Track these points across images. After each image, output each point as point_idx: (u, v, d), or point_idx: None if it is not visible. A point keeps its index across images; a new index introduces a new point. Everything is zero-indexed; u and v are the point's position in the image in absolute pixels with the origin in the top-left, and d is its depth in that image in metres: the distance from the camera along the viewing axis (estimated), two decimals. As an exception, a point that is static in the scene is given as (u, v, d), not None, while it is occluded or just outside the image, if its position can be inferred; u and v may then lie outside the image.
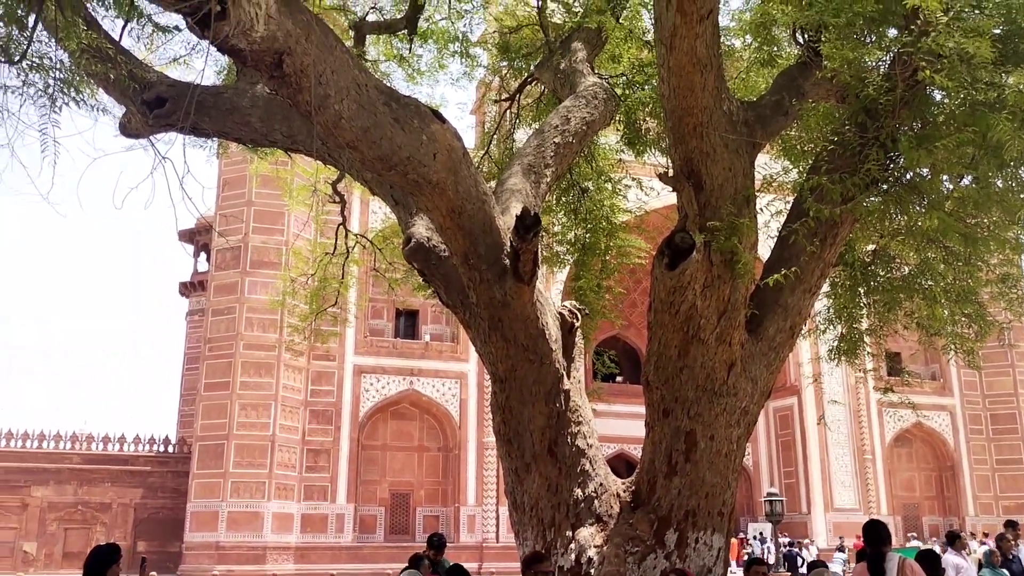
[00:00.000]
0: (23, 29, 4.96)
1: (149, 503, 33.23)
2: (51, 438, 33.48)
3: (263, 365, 31.17)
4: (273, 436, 30.78)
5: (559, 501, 6.41)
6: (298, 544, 30.77)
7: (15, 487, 32.02)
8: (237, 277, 31.91)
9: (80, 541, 32.02)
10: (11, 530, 31.76)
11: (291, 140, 6.97)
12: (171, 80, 6.86)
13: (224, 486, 30.01)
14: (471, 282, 6.20)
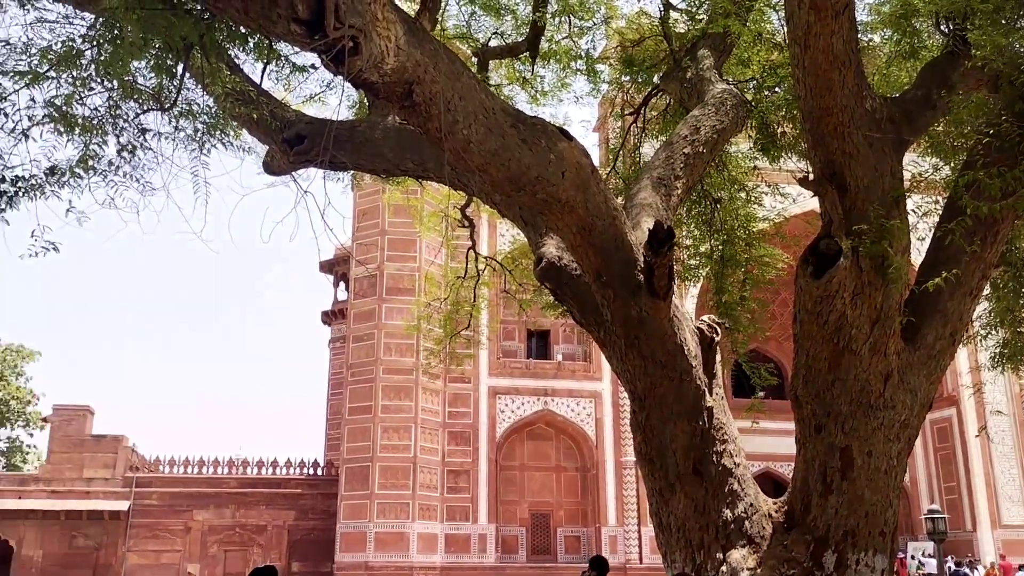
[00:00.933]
0: (172, 78, 5.25)
1: (301, 524, 34.49)
2: (210, 464, 35.35)
3: (402, 388, 31.94)
4: (414, 458, 31.43)
5: (707, 522, 6.20)
6: (443, 564, 31.21)
7: (179, 511, 33.93)
8: (374, 304, 32.89)
9: (239, 562, 33.57)
10: (176, 552, 33.63)
11: (422, 168, 7.11)
12: (308, 118, 7.14)
13: (371, 507, 30.83)
14: (604, 300, 6.11)
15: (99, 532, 33.33)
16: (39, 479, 34.36)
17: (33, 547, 32.92)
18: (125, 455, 34.73)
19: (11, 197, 5.01)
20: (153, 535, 33.48)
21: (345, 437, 32.62)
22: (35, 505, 32.83)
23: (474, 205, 11.68)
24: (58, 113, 4.90)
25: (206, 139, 5.85)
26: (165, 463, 35.36)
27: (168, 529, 33.66)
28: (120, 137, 5.53)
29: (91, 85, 5.05)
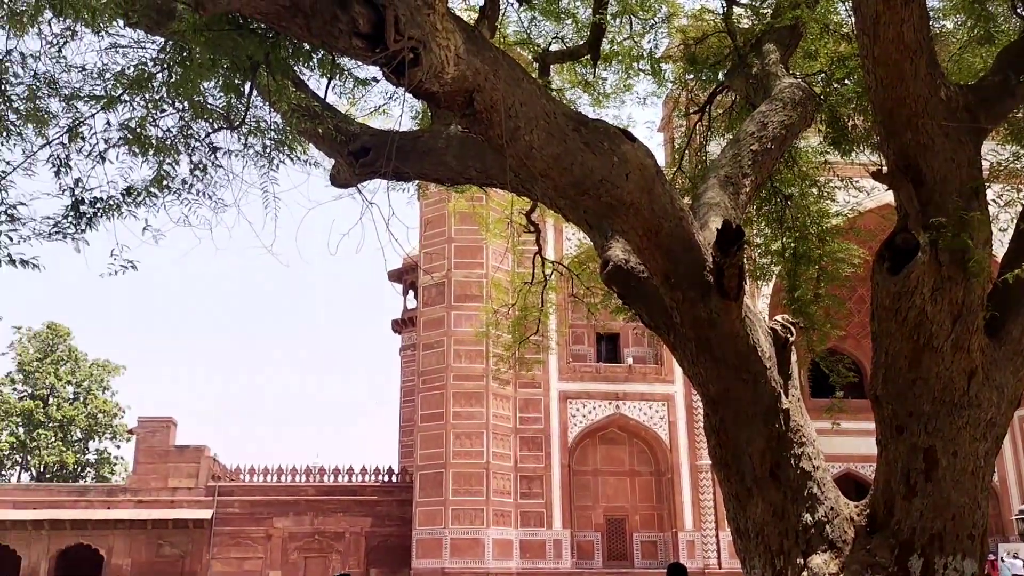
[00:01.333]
0: (240, 97, 5.37)
1: (378, 531, 34.93)
2: (288, 472, 36.12)
3: (473, 395, 32.11)
4: (487, 464, 31.54)
5: (786, 527, 6.05)
6: (519, 570, 31.22)
7: (260, 519, 34.71)
8: (443, 312, 33.16)
9: (319, 569, 34.17)
10: (258, 559, 34.40)
11: (485, 175, 7.12)
12: (372, 130, 7.23)
13: (445, 514, 31.05)
14: (674, 302, 6.02)
15: (184, 540, 34.32)
16: (126, 489, 35.57)
17: (122, 556, 34.07)
18: (207, 465, 35.72)
19: (91, 218, 5.19)
20: (236, 543, 34.33)
21: (418, 444, 32.94)
22: (123, 515, 33.98)
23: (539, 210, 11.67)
24: (132, 135, 5.05)
25: (274, 155, 5.97)
26: (245, 472, 36.26)
27: (250, 537, 34.45)
28: (192, 156, 5.68)
29: (163, 107, 5.20)
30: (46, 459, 48.92)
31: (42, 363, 50.19)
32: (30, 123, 5.36)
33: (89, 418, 50.74)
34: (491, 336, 15.66)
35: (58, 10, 4.49)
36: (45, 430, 48.88)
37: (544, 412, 33.22)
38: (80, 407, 50.59)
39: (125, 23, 5.33)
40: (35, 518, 33.48)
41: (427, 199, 27.15)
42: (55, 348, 51.09)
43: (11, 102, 5.26)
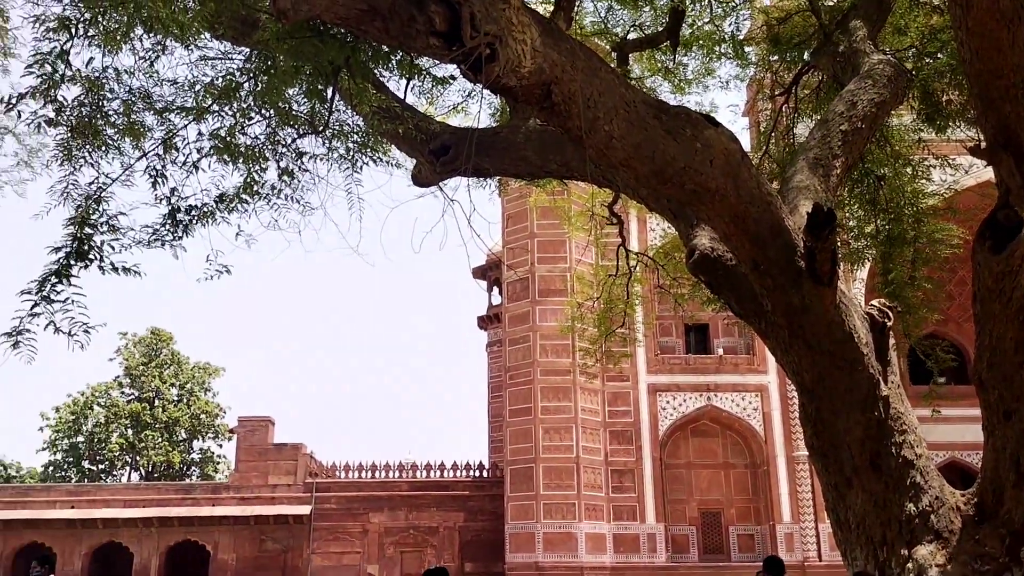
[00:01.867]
0: (323, 102, 5.48)
1: (471, 526, 35.29)
2: (381, 468, 36.83)
3: (560, 389, 32.09)
4: (577, 458, 31.49)
5: (889, 517, 5.86)
6: (613, 564, 31.10)
7: (356, 514, 35.47)
8: (528, 307, 33.23)
9: (415, 563, 34.72)
10: (356, 554, 35.18)
11: (565, 168, 7.10)
12: (452, 128, 7.29)
13: (536, 508, 31.14)
14: (764, 289, 5.89)
15: (285, 535, 35.35)
16: (229, 487, 36.83)
17: (227, 551, 35.30)
18: (304, 462, 36.69)
19: (187, 225, 5.38)
20: (334, 537, 35.18)
21: (507, 439, 33.11)
22: (227, 511, 35.20)
23: (622, 201, 11.57)
24: (223, 144, 5.22)
25: (357, 157, 6.09)
26: (340, 469, 37.11)
27: (347, 532, 35.25)
28: (279, 162, 5.84)
29: (251, 115, 5.35)
30: (154, 459, 51.09)
31: (147, 367, 52.41)
32: (127, 137, 5.59)
33: (192, 419, 52.76)
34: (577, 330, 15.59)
35: (148, 26, 4.66)
36: (152, 431, 51.04)
37: (633, 405, 32.97)
38: (184, 408, 52.65)
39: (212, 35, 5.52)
40: (145, 516, 34.98)
41: (508, 195, 27.24)
42: (159, 352, 53.27)
43: (108, 117, 5.48)
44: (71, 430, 51.49)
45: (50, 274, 4.63)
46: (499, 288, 41.89)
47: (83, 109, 5.28)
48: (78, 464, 51.76)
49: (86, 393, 52.27)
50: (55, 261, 4.75)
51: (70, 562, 34.22)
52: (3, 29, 7.59)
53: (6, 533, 34.41)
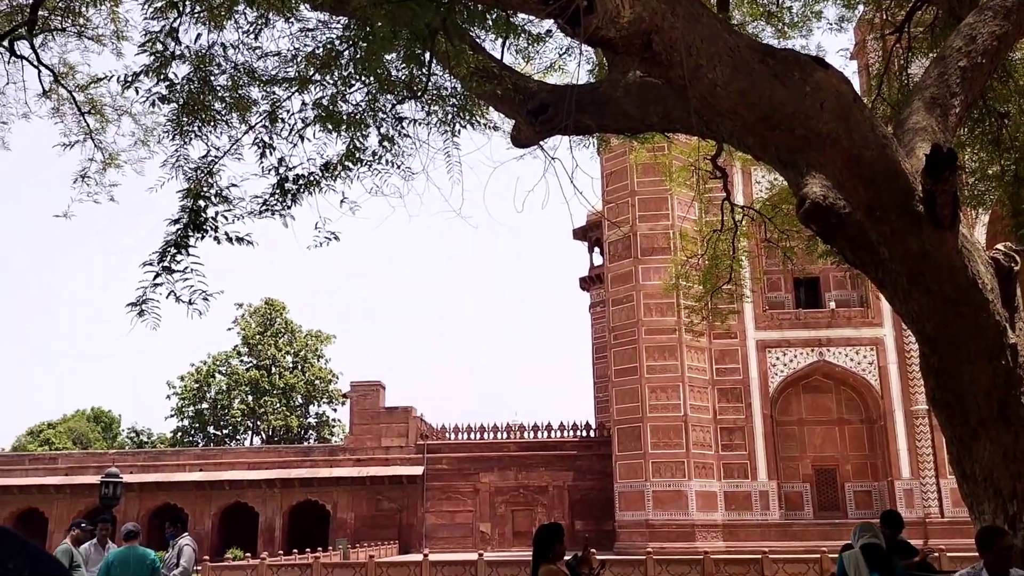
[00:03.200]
0: (421, 66, 5.49)
1: (580, 485, 35.61)
2: (490, 430, 37.47)
3: (666, 348, 31.81)
4: (685, 417, 31.25)
5: (1019, 470, 5.58)
6: (724, 521, 30.87)
7: (467, 475, 36.27)
8: (630, 266, 32.94)
9: (526, 521, 35.31)
10: (468, 512, 36.03)
11: (667, 120, 6.93)
12: (550, 86, 7.20)
13: (645, 467, 31.12)
14: (880, 236, 5.64)
15: (400, 495, 36.47)
16: (345, 449, 38.17)
17: (345, 510, 36.68)
18: (415, 425, 37.66)
19: (294, 194, 5.51)
20: (447, 497, 36.10)
21: (613, 399, 33.11)
22: (344, 473, 36.52)
23: (725, 154, 11.27)
24: (326, 113, 5.30)
25: (456, 120, 6.10)
26: (450, 430, 37.95)
27: (459, 491, 36.11)
28: (380, 128, 5.89)
29: (351, 83, 5.41)
30: (273, 423, 53.37)
31: (263, 336, 54.60)
32: (234, 111, 5.74)
33: (307, 384, 54.78)
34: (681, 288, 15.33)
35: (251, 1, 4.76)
36: (270, 397, 53.26)
37: (742, 362, 32.41)
38: (299, 375, 54.70)
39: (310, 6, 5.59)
40: (268, 477, 36.63)
41: (608, 153, 26.93)
42: (273, 322, 55.38)
43: (216, 92, 5.64)
44: (196, 397, 54.25)
45: (169, 245, 4.83)
46: (600, 249, 41.65)
47: (192, 85, 5.45)
48: (204, 429, 54.55)
49: (208, 362, 54.89)
50: (173, 232, 4.95)
51: (201, 521, 36.21)
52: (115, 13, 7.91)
53: (142, 495, 36.62)
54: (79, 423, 60.17)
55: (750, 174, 30.50)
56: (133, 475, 35.88)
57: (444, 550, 32.27)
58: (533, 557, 6.03)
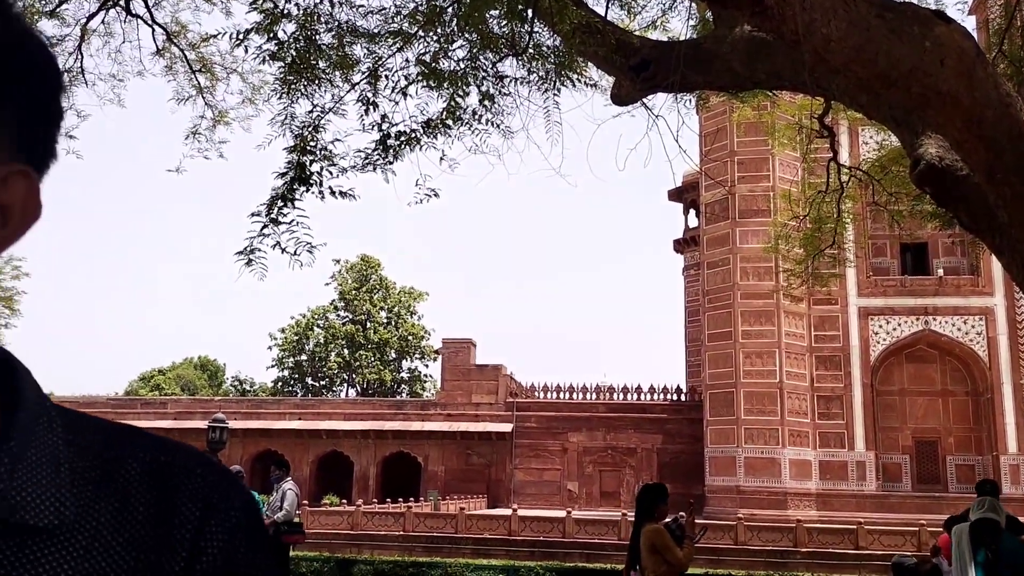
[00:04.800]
0: (523, 22, 5.45)
1: (669, 448, 35.48)
2: (579, 390, 37.59)
3: (762, 313, 31.16)
4: (780, 383, 30.65)
5: None
6: (818, 491, 30.32)
7: (556, 434, 36.56)
8: (727, 228, 32.27)
9: (613, 481, 35.47)
10: (556, 471, 36.38)
11: (775, 77, 6.69)
12: (652, 42, 7.05)
13: (737, 433, 30.74)
14: (1000, 200, 5.36)
15: (489, 451, 37.08)
16: (436, 404, 38.95)
17: (436, 463, 37.53)
18: (504, 382, 38.08)
19: (396, 150, 5.58)
20: (535, 454, 36.52)
21: (706, 363, 32.71)
22: (435, 427, 37.32)
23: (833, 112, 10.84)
24: (428, 70, 5.32)
25: (556, 78, 6.04)
26: (539, 389, 38.22)
27: (547, 449, 36.47)
28: (481, 87, 5.89)
29: (453, 40, 5.42)
30: (368, 376, 54.78)
31: (359, 292, 55.90)
32: (337, 69, 5.82)
33: (401, 340, 55.94)
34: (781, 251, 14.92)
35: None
36: (365, 351, 54.66)
37: (842, 329, 31.50)
38: (392, 330, 55.88)
39: (414, -38, 5.59)
40: (362, 428, 37.72)
41: (706, 112, 26.28)
42: (368, 278, 56.60)
43: (321, 51, 5.73)
44: (295, 349, 56.09)
45: (276, 198, 4.96)
46: (696, 210, 40.92)
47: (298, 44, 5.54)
48: (302, 380, 56.44)
49: (307, 316, 56.60)
50: (280, 186, 5.08)
51: (299, 468, 37.62)
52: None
53: (245, 440, 38.23)
54: (187, 371, 63.05)
55: (858, 133, 29.33)
56: (237, 421, 37.37)
57: (532, 506, 32.69)
58: (636, 515, 6.06)
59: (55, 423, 0.56)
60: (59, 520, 0.52)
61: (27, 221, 0.54)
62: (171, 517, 0.55)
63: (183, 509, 0.56)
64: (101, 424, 0.59)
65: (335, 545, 20.76)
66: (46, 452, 0.54)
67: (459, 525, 23.03)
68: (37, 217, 0.54)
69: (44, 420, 0.55)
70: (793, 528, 21.67)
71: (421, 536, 22.81)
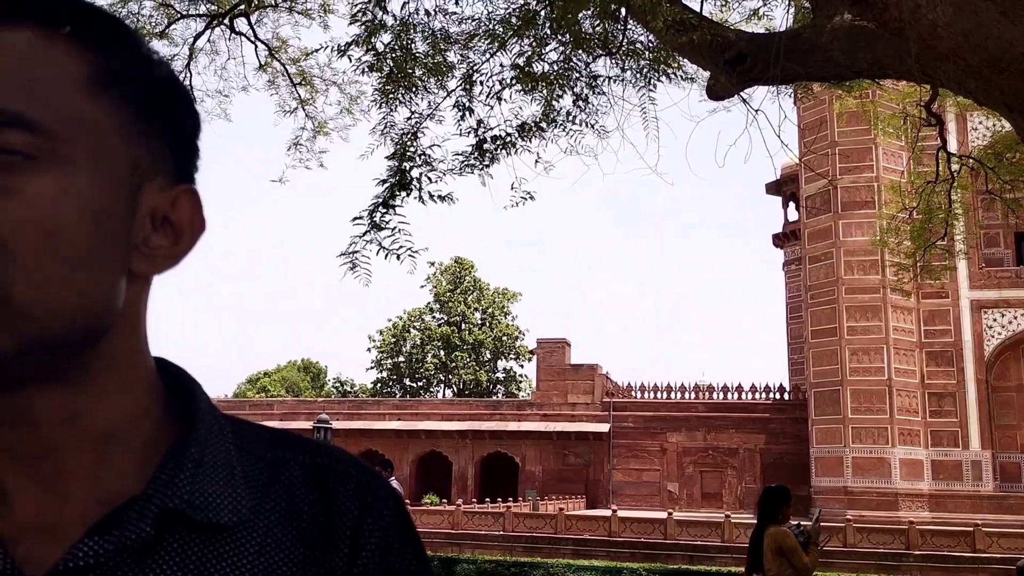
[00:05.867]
0: (616, 21, 5.44)
1: (772, 448, 34.64)
2: (677, 389, 37.10)
3: (868, 308, 30.13)
4: (889, 380, 29.58)
5: None
6: (931, 491, 29.14)
7: (653, 433, 36.19)
8: (829, 221, 31.34)
9: (715, 482, 34.88)
10: (655, 471, 36.01)
11: (878, 66, 6.49)
12: (748, 35, 6.91)
13: (844, 432, 29.82)
14: None
15: (586, 451, 36.97)
16: (532, 404, 39.07)
17: (534, 463, 37.65)
18: (600, 382, 37.92)
19: (492, 153, 5.64)
20: (633, 455, 36.23)
21: (810, 361, 31.85)
22: (531, 427, 37.44)
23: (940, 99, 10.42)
24: (522, 73, 5.37)
25: (651, 75, 6.00)
26: (636, 389, 37.91)
27: (645, 450, 36.13)
28: (574, 88, 5.91)
29: (547, 42, 5.45)
30: (463, 377, 55.39)
31: (453, 293, 56.58)
32: (432, 76, 5.93)
33: (495, 340, 56.34)
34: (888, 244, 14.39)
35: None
36: (461, 352, 55.27)
37: (954, 324, 30.18)
38: (487, 331, 56.35)
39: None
40: (460, 429, 38.15)
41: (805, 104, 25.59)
42: (462, 279, 57.23)
43: (416, 59, 5.84)
44: (392, 351, 57.15)
45: (378, 204, 5.09)
46: (796, 203, 39.86)
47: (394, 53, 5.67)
48: (400, 381, 57.46)
49: (403, 318, 57.61)
50: (381, 192, 5.21)
51: (400, 467, 38.30)
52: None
53: (347, 440, 39.15)
54: (291, 373, 65.02)
55: (966, 120, 28.05)
56: (339, 422, 38.33)
57: (631, 507, 32.42)
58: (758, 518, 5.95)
59: (226, 430, 0.62)
60: (237, 518, 0.57)
61: (195, 235, 0.59)
62: (332, 515, 0.60)
63: (342, 508, 0.60)
64: (263, 430, 0.65)
65: (436, 544, 21.06)
66: (221, 457, 0.59)
67: (559, 525, 23.05)
68: (203, 230, 0.60)
69: (216, 428, 0.61)
70: (905, 530, 20.87)
71: (521, 536, 22.92)
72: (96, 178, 0.53)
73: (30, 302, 0.50)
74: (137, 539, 0.53)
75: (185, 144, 0.60)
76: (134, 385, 0.58)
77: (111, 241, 0.54)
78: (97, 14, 0.56)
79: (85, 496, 0.56)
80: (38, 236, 0.50)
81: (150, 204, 0.56)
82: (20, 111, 0.50)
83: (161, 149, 0.57)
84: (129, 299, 0.56)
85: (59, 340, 0.51)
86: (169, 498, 0.55)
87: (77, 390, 0.55)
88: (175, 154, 0.59)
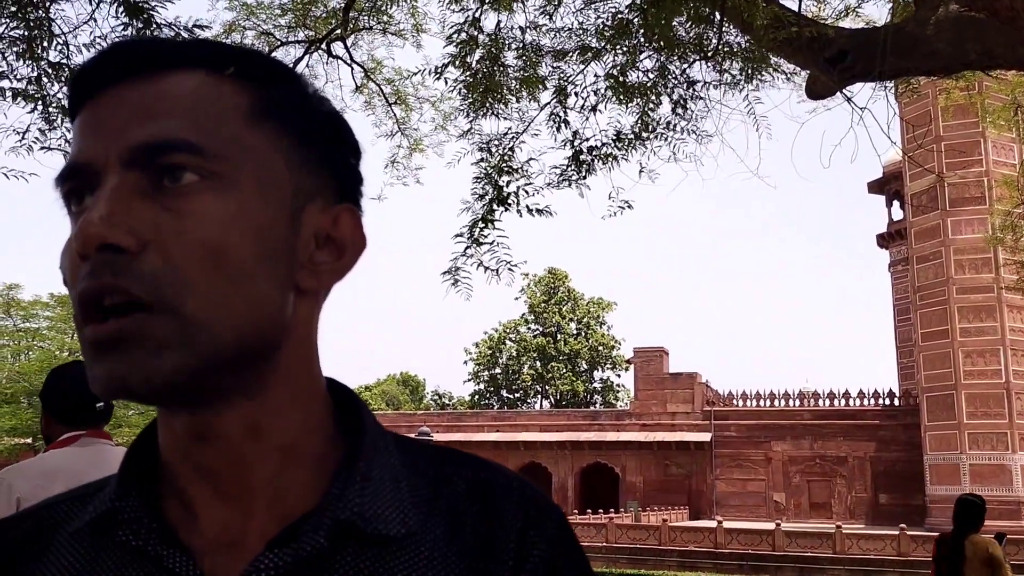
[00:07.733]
0: (710, 25, 5.37)
1: (883, 456, 33.36)
2: (781, 397, 36.13)
3: (982, 308, 28.79)
4: (1007, 383, 28.16)
5: None
6: (1057, 501, 27.58)
7: (757, 442, 35.33)
8: (937, 219, 30.11)
9: (823, 492, 33.79)
10: (760, 481, 35.13)
11: (988, 57, 6.21)
12: (847, 31, 6.73)
13: (960, 438, 28.51)
14: None
15: (688, 461, 36.38)
16: (631, 414, 38.72)
17: (634, 474, 37.27)
18: (700, 391, 37.29)
19: (589, 165, 5.64)
20: (736, 464, 35.45)
21: (920, 365, 30.60)
22: (630, 437, 37.09)
23: (1055, 87, 9.91)
24: (616, 83, 5.36)
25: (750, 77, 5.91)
26: (738, 397, 37.11)
27: (749, 459, 35.31)
28: (671, 95, 5.85)
29: (640, 51, 5.42)
30: (560, 388, 55.29)
31: (548, 304, 56.63)
32: (525, 89, 5.97)
33: (591, 351, 56.09)
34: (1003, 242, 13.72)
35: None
36: (557, 362, 55.23)
37: (1077, 322, 28.56)
38: (583, 341, 56.15)
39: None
40: (559, 439, 38.10)
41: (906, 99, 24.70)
42: (556, 290, 57.23)
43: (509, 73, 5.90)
44: (489, 363, 57.54)
45: (478, 219, 5.15)
46: (900, 202, 38.44)
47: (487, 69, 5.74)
48: (497, 393, 57.78)
49: (499, 330, 57.97)
50: (480, 208, 5.27)
51: (500, 479, 38.48)
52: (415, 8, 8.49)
53: (448, 453, 39.57)
54: (390, 386, 66.20)
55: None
56: (439, 434, 38.90)
57: (736, 518, 31.73)
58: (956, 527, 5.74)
59: (390, 446, 0.64)
60: (406, 530, 0.58)
61: (357, 252, 0.62)
62: (496, 529, 0.61)
63: (506, 521, 0.61)
64: (424, 445, 0.67)
65: (539, 555, 21.01)
66: (387, 472, 0.61)
67: (662, 537, 22.75)
68: (364, 247, 0.62)
69: (382, 444, 0.63)
70: (1032, 542, 19.79)
71: (624, 547, 22.70)
72: (259, 199, 0.56)
73: (201, 316, 0.52)
74: (312, 551, 0.55)
75: (345, 169, 0.63)
76: (309, 399, 0.61)
77: (275, 258, 0.56)
78: (257, 56, 0.60)
79: (265, 509, 0.58)
80: (205, 253, 0.53)
81: (313, 223, 0.59)
82: (189, 139, 0.54)
83: (321, 174, 0.60)
84: (300, 316, 0.59)
85: (234, 352, 0.54)
86: (341, 510, 0.56)
87: (257, 403, 0.57)
88: (336, 179, 0.62)
